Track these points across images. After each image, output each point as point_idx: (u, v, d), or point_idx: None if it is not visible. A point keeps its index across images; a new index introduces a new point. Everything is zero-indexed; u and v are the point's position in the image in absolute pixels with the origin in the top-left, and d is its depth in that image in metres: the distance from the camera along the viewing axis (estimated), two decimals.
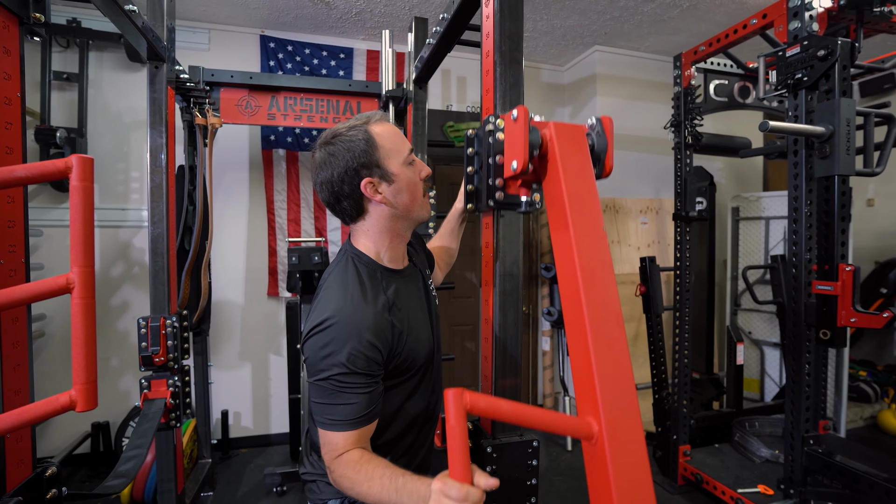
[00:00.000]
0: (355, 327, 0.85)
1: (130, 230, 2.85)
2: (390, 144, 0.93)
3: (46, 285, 0.66)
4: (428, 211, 1.00)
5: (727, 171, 3.80)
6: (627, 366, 0.71)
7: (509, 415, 0.67)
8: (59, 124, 2.65)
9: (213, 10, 2.84)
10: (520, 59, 1.11)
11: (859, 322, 1.73)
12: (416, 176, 0.97)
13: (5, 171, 0.64)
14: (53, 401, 0.67)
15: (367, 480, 0.81)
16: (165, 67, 1.81)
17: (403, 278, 1.02)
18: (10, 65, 0.88)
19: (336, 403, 0.85)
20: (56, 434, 2.70)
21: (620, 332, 0.72)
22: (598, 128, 0.84)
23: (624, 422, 0.68)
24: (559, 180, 0.76)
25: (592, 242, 0.74)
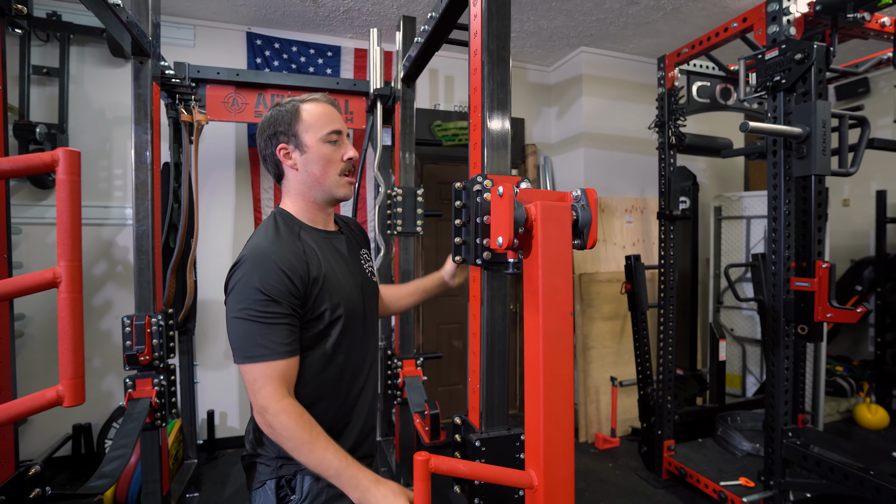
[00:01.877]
0: (267, 257, 0.92)
1: (113, 228, 2.80)
2: (312, 120, 1.01)
3: (33, 279, 0.66)
4: (345, 191, 1.05)
5: (710, 171, 3.88)
6: (570, 434, 0.86)
7: (465, 472, 0.86)
8: (38, 119, 2.60)
9: (199, 6, 2.81)
10: (507, 58, 1.13)
11: (835, 317, 1.79)
12: (334, 154, 1.03)
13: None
14: (40, 396, 0.66)
15: (311, 442, 0.86)
16: (150, 63, 1.79)
17: (326, 237, 1.08)
18: None
19: (256, 334, 0.89)
20: (36, 436, 2.64)
21: (569, 407, 0.86)
22: (583, 200, 0.88)
23: (559, 478, 0.84)
24: (537, 266, 0.83)
25: (558, 328, 0.84)
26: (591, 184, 3.50)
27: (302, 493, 0.97)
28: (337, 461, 0.86)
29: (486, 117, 1.09)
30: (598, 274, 3.38)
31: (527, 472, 0.89)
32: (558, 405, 0.85)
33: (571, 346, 0.87)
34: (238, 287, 0.92)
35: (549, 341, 0.84)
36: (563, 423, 0.85)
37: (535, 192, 0.94)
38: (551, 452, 0.84)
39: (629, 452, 3.02)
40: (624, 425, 3.29)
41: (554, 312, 0.84)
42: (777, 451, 1.99)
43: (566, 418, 0.85)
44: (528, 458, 0.90)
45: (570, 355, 0.86)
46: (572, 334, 0.87)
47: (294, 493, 0.97)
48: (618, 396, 3.24)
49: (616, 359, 3.35)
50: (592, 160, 3.50)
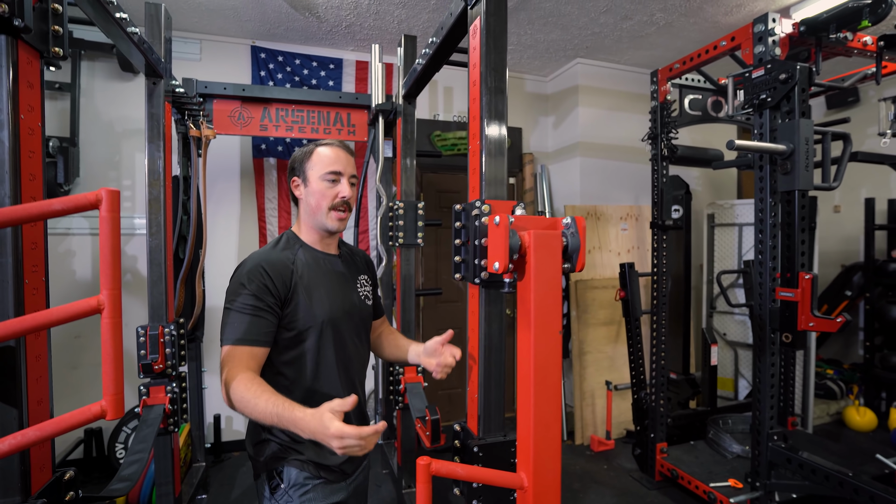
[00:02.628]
0: (257, 260, 1.10)
1: (122, 238, 2.87)
2: (318, 160, 1.18)
3: (80, 307, 0.74)
4: (334, 224, 1.18)
5: (703, 180, 3.97)
6: (557, 440, 0.95)
7: (463, 475, 0.95)
8: (51, 133, 2.68)
9: (205, 22, 2.89)
10: (504, 89, 1.22)
11: (817, 326, 1.87)
12: (328, 191, 1.17)
13: (45, 206, 0.72)
14: (86, 410, 0.74)
15: (255, 398, 0.94)
16: (163, 83, 1.87)
17: (323, 257, 1.21)
18: (32, 98, 0.95)
19: (232, 322, 1.04)
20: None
21: (557, 416, 0.95)
22: (572, 227, 0.96)
23: (547, 479, 0.94)
24: (530, 289, 0.92)
25: (548, 345, 0.93)
26: (587, 192, 3.59)
27: (289, 481, 1.09)
28: (275, 407, 0.92)
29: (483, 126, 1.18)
30: (593, 280, 3.46)
31: (518, 474, 0.97)
32: (547, 414, 0.93)
33: (560, 361, 0.95)
34: (230, 283, 1.09)
35: (540, 357, 0.93)
36: (551, 430, 0.94)
37: (529, 220, 1.02)
38: (540, 456, 0.93)
39: (624, 454, 3.11)
40: (619, 428, 3.38)
41: (545, 331, 0.93)
42: (763, 454, 2.07)
43: (554, 426, 0.94)
44: (519, 461, 0.99)
45: (559, 369, 0.95)
46: (561, 350, 0.95)
47: (283, 482, 1.10)
48: (613, 400, 3.33)
49: (611, 363, 3.44)
50: (588, 169, 3.58)
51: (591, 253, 3.53)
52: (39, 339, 0.97)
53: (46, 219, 0.81)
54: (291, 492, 1.09)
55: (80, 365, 2.80)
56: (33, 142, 0.95)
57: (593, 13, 2.81)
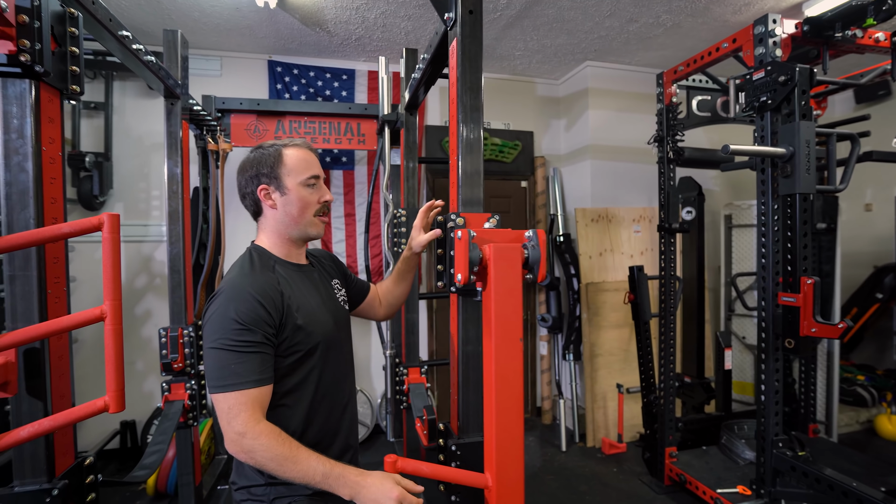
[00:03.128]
0: (242, 288, 0.98)
1: (152, 244, 3.09)
2: (294, 164, 1.09)
3: (86, 316, 0.85)
4: (317, 230, 1.13)
5: (721, 180, 3.89)
6: (520, 442, 1.01)
7: (428, 473, 1.00)
8: (87, 149, 2.91)
9: (225, 40, 3.07)
10: (479, 107, 1.28)
11: (819, 332, 1.84)
12: (311, 197, 1.10)
13: (55, 230, 0.84)
14: (92, 405, 0.86)
15: (294, 455, 0.90)
16: (179, 104, 2.02)
17: (298, 270, 1.14)
18: (53, 131, 1.09)
19: (231, 363, 0.92)
20: (90, 431, 2.96)
21: (519, 419, 1.01)
22: (534, 241, 1.02)
23: (510, 479, 1.00)
24: (490, 299, 0.99)
25: (509, 352, 1.00)
26: (598, 194, 3.59)
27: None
28: (321, 465, 0.91)
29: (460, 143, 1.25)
30: (605, 283, 3.46)
31: (485, 474, 1.04)
32: (509, 418, 0.99)
33: (521, 367, 1.01)
34: (214, 318, 0.96)
35: (501, 363, 0.99)
36: (513, 433, 0.99)
37: (495, 233, 1.08)
38: (503, 458, 0.99)
39: (635, 458, 3.09)
40: (632, 431, 3.36)
41: (505, 338, 0.99)
42: (768, 461, 2.04)
43: (516, 429, 1.00)
44: (485, 462, 1.05)
45: (520, 375, 1.00)
46: (522, 357, 1.01)
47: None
48: (626, 403, 3.31)
49: (624, 366, 3.42)
50: (599, 171, 3.58)
51: (602, 256, 3.52)
52: (61, 341, 1.10)
53: (59, 240, 0.94)
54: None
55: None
56: (54, 169, 1.09)
57: (597, 17, 2.81)
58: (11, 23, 0.89)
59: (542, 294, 3.80)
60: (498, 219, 1.19)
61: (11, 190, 1.03)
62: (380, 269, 3.42)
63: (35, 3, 0.98)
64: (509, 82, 3.84)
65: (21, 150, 1.02)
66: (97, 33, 1.40)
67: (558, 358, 3.72)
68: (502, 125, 3.84)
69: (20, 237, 0.85)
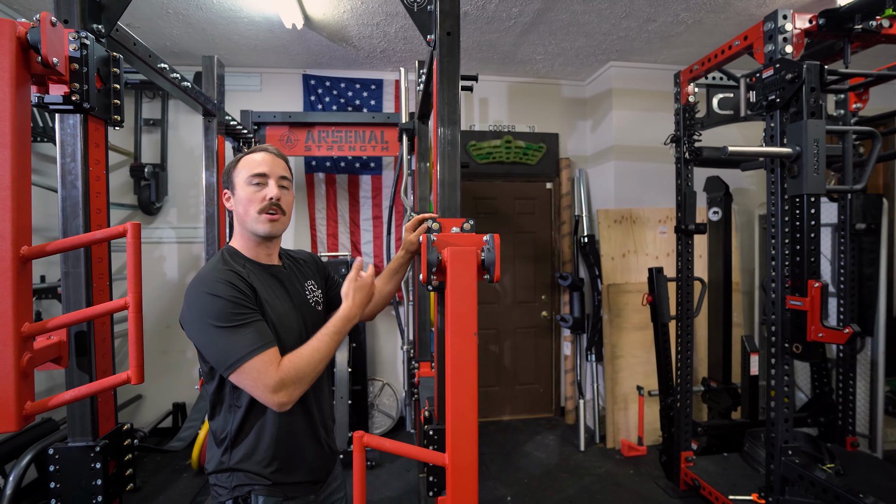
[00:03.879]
0: (214, 277, 1.02)
1: (201, 245, 3.43)
2: (243, 165, 1.13)
3: (115, 304, 1.06)
4: (264, 227, 1.11)
5: (756, 178, 3.72)
6: (473, 426, 1.11)
7: (390, 448, 1.12)
8: (147, 160, 3.29)
9: (263, 58, 3.36)
10: (456, 121, 1.39)
11: (826, 337, 1.78)
12: (255, 195, 1.10)
13: (89, 237, 1.05)
14: (118, 377, 1.06)
15: (310, 353, 1.01)
16: (216, 120, 2.28)
17: (265, 269, 1.15)
18: (99, 154, 1.32)
19: (243, 335, 0.96)
20: (149, 411, 3.36)
21: (472, 407, 1.11)
22: (490, 244, 1.13)
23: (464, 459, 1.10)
24: (447, 296, 1.11)
25: (463, 345, 1.10)
26: (622, 195, 3.56)
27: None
28: (324, 337, 1.04)
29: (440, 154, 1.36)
30: (626, 284, 3.43)
31: (445, 454, 1.15)
32: (463, 404, 1.10)
33: (475, 359, 1.11)
34: (193, 309, 0.99)
35: (456, 355, 1.10)
36: (467, 418, 1.10)
37: (458, 237, 1.20)
38: (456, 439, 1.10)
39: (654, 462, 3.06)
40: (653, 434, 3.32)
41: (460, 333, 1.10)
42: (776, 469, 2.00)
43: (470, 414, 1.11)
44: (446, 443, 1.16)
45: (474, 366, 1.11)
46: (476, 350, 1.11)
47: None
48: (647, 406, 3.28)
49: (646, 368, 3.38)
50: (623, 172, 3.55)
51: (625, 257, 3.50)
52: (104, 326, 1.33)
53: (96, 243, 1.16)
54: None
55: (170, 350, 3.40)
56: (99, 185, 1.32)
57: (613, 19, 2.82)
58: (64, 72, 1.12)
59: (566, 295, 3.82)
60: (472, 223, 1.29)
61: (66, 203, 1.27)
62: None
63: (84, 53, 1.21)
64: (534, 85, 3.89)
65: (73, 171, 1.26)
66: (140, 67, 1.65)
67: (581, 358, 3.73)
68: (527, 128, 3.90)
69: (68, 241, 1.08)
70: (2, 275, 0.94)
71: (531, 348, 3.95)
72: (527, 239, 3.94)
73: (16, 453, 2.21)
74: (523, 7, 2.68)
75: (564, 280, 3.51)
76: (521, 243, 3.93)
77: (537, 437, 3.51)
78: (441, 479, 1.33)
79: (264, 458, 1.08)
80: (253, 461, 1.08)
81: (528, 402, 3.96)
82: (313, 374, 1.01)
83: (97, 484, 1.26)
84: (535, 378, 3.97)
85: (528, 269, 3.94)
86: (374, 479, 2.82)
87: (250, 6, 2.61)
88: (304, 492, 1.14)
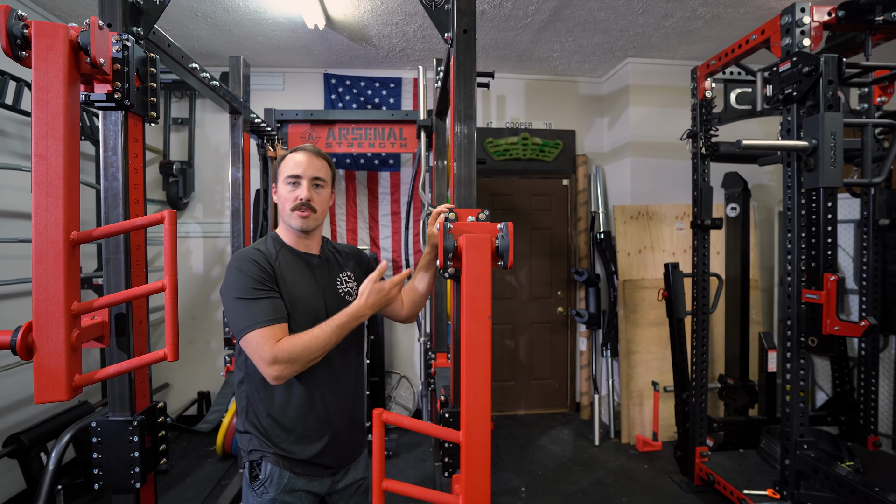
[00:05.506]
0: (242, 255, 1.17)
1: (225, 240, 3.56)
2: (284, 166, 1.25)
3: (153, 287, 1.14)
4: (296, 223, 1.23)
5: (777, 174, 3.67)
6: (486, 406, 1.14)
7: (407, 425, 1.18)
8: (175, 158, 3.43)
9: (286, 58, 3.46)
10: (472, 115, 1.45)
11: (842, 330, 1.78)
12: (289, 194, 1.23)
13: (130, 223, 1.14)
14: (155, 354, 1.15)
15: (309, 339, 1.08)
16: (241, 119, 2.38)
17: (301, 256, 1.26)
18: (137, 148, 1.42)
19: (247, 309, 1.09)
20: (176, 399, 3.50)
21: (486, 387, 1.14)
22: (504, 232, 1.17)
23: (477, 437, 1.14)
24: (463, 281, 1.15)
25: (477, 328, 1.14)
26: (638, 192, 3.56)
27: (265, 473, 1.17)
28: (327, 327, 1.11)
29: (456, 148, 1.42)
30: (643, 280, 3.43)
31: (460, 432, 1.20)
32: (477, 385, 1.15)
33: (489, 341, 1.16)
34: (226, 281, 1.16)
35: (470, 337, 1.15)
36: (480, 397, 1.15)
37: (473, 225, 1.25)
38: (471, 418, 1.15)
39: (669, 457, 3.06)
40: (669, 430, 3.31)
41: (474, 316, 1.15)
42: (791, 463, 2.00)
43: (483, 394, 1.15)
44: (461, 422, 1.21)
45: (488, 348, 1.15)
46: (489, 332, 1.15)
47: (261, 474, 1.18)
48: (663, 401, 3.28)
49: (662, 364, 3.38)
50: (640, 168, 3.55)
51: (641, 253, 3.50)
52: (141, 309, 1.43)
53: (136, 230, 1.25)
54: (267, 483, 1.17)
55: (196, 341, 3.53)
56: (137, 177, 1.41)
57: (629, 16, 2.83)
58: (108, 72, 1.21)
59: (582, 290, 3.83)
60: (487, 213, 1.34)
61: (108, 194, 1.37)
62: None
63: (125, 54, 1.30)
64: (551, 83, 3.90)
65: (114, 164, 1.36)
66: (173, 67, 1.75)
67: (596, 354, 3.74)
68: (544, 125, 3.92)
69: (113, 227, 1.17)
70: (55, 258, 1.03)
71: (546, 343, 3.98)
72: (543, 235, 3.97)
73: (55, 433, 2.35)
74: (540, 5, 2.72)
75: (580, 276, 3.53)
76: (538, 239, 3.96)
77: (552, 432, 3.54)
78: (455, 459, 1.39)
79: (276, 429, 1.19)
80: (266, 430, 1.19)
81: (543, 397, 3.99)
82: (307, 358, 1.10)
83: (135, 456, 1.36)
84: (550, 373, 3.99)
85: (544, 264, 3.97)
86: (391, 468, 2.89)
87: (274, 8, 2.70)
88: (317, 472, 1.22)
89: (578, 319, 3.54)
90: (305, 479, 1.20)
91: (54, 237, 1.02)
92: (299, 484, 1.20)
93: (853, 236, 3.03)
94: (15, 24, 0.99)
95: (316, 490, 1.23)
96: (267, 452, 1.18)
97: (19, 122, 2.52)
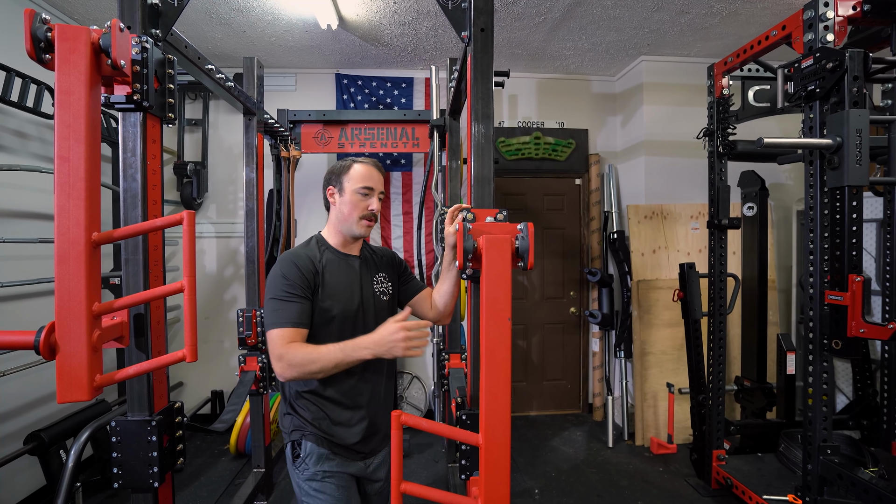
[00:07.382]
0: (288, 257, 1.27)
1: (238, 240, 3.58)
2: (355, 175, 1.34)
3: (172, 287, 1.15)
4: (361, 230, 1.34)
5: (795, 173, 3.60)
6: (506, 408, 1.12)
7: (426, 427, 1.18)
8: (189, 159, 3.46)
9: (298, 58, 3.47)
10: (490, 115, 1.42)
11: (868, 333, 1.73)
12: (361, 202, 1.33)
13: (150, 224, 1.14)
14: (175, 354, 1.15)
15: (314, 351, 1.15)
16: (255, 119, 2.39)
17: (343, 257, 1.36)
18: (155, 149, 1.42)
19: (278, 309, 1.20)
20: (189, 398, 3.53)
21: (506, 389, 1.12)
22: (524, 232, 1.15)
23: (497, 439, 1.13)
24: (482, 282, 1.14)
25: (497, 329, 1.13)
26: (652, 191, 3.52)
27: (305, 451, 1.29)
28: (337, 350, 1.15)
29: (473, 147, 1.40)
30: (657, 281, 3.39)
31: (479, 434, 1.19)
32: (497, 387, 1.14)
33: (509, 342, 1.14)
34: (269, 279, 1.27)
35: (490, 339, 1.13)
36: (500, 399, 1.14)
37: (492, 226, 1.23)
38: (491, 420, 1.13)
39: (684, 460, 3.02)
40: (684, 433, 3.27)
41: (494, 317, 1.13)
42: (814, 468, 1.95)
43: (503, 396, 1.14)
44: (480, 425, 1.20)
45: (508, 349, 1.14)
46: (510, 334, 1.14)
47: (302, 453, 1.29)
48: (678, 403, 3.23)
49: (676, 365, 3.33)
50: (654, 168, 3.50)
51: (655, 253, 3.45)
52: (158, 310, 1.44)
53: (155, 230, 1.25)
54: (309, 461, 1.28)
55: (209, 340, 3.56)
56: (155, 178, 1.42)
57: (644, 13, 2.79)
58: (128, 74, 1.21)
59: (595, 291, 3.80)
60: (505, 214, 1.32)
61: (127, 194, 1.37)
62: (433, 264, 3.64)
63: (144, 56, 1.31)
64: (563, 81, 3.87)
65: (133, 165, 1.36)
66: (189, 69, 1.75)
67: (609, 355, 3.70)
68: (556, 124, 3.89)
69: (133, 227, 1.17)
70: (76, 258, 1.03)
71: (559, 344, 3.95)
72: (555, 235, 3.94)
73: (74, 431, 2.38)
74: (553, 3, 2.69)
75: (593, 276, 3.49)
76: (550, 239, 3.93)
77: (564, 433, 3.51)
78: (473, 460, 1.38)
79: (317, 411, 1.29)
80: (308, 412, 1.30)
81: (555, 398, 3.96)
82: (303, 368, 1.16)
83: (153, 455, 1.36)
84: (562, 374, 3.96)
85: (557, 265, 3.94)
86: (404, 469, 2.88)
87: (288, 9, 2.71)
88: (352, 455, 1.32)
89: (591, 320, 3.51)
90: (342, 459, 1.31)
91: (76, 238, 1.03)
92: (336, 464, 1.30)
93: (875, 236, 2.96)
94: (39, 27, 0.99)
95: (352, 472, 1.33)
96: (307, 432, 1.28)
97: (40, 124, 2.55)
